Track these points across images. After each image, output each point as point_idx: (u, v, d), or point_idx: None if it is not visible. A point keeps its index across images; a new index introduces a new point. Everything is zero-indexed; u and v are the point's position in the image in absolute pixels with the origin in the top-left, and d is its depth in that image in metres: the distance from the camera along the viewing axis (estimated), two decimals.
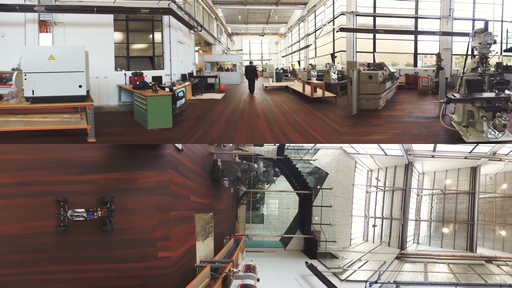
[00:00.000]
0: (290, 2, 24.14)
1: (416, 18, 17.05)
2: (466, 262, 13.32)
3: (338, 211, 14.94)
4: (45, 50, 7.20)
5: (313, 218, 14.47)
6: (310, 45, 24.66)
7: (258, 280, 7.77)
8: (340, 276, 10.86)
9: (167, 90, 8.75)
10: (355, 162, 16.25)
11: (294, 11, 27.11)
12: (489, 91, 7.34)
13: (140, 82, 9.28)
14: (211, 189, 8.92)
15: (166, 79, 11.60)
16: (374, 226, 16.95)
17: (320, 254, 13.47)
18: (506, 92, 7.12)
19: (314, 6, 22.39)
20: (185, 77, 13.16)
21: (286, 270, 11.19)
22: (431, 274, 11.79)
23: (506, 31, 15.09)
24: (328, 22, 20.07)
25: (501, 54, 13.73)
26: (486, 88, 7.44)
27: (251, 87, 15.08)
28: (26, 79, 6.80)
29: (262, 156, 14.08)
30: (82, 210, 4.91)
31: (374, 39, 17.21)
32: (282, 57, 35.22)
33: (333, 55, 18.55)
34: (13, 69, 7.86)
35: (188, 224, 6.44)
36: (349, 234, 15.82)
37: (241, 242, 10.52)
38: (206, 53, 22.59)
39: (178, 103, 10.07)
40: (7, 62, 8.49)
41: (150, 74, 10.72)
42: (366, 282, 9.58)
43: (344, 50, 17.32)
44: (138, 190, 5.26)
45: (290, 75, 23.21)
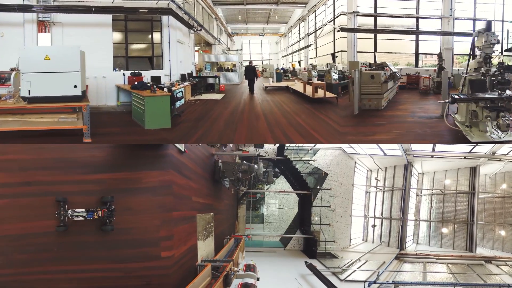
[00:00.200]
0: (290, 2, 24.09)
1: (417, 18, 17.04)
2: (465, 262, 13.34)
3: (338, 211, 14.95)
4: (41, 50, 7.16)
5: (312, 218, 14.50)
6: (311, 45, 24.61)
7: (258, 279, 7.82)
8: (339, 276, 10.91)
9: (166, 90, 8.71)
10: (355, 163, 16.25)
11: (294, 11, 27.07)
12: (490, 91, 7.33)
13: (138, 82, 9.25)
14: (212, 189, 8.92)
15: (165, 79, 11.53)
16: (373, 226, 16.96)
17: (319, 254, 13.51)
18: (507, 92, 7.11)
19: (315, 6, 22.33)
20: (184, 77, 13.11)
21: (285, 270, 11.22)
22: (430, 274, 11.81)
23: (507, 31, 15.07)
24: (328, 22, 20.03)
25: (501, 54, 13.70)
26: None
27: (251, 87, 15.06)
28: (23, 79, 6.77)
29: (262, 156, 14.07)
30: (82, 210, 4.89)
31: (375, 39, 17.19)
32: (282, 57, 35.17)
33: (333, 55, 18.50)
34: (11, 69, 7.83)
35: (190, 223, 6.44)
36: (348, 234, 15.84)
37: (241, 241, 10.56)
38: (206, 53, 22.54)
39: (177, 104, 10.03)
40: (6, 62, 8.46)
41: (149, 74, 10.66)
42: (365, 282, 9.63)
43: (344, 50, 17.29)
44: (142, 190, 5.25)
45: (290, 75, 23.16)
